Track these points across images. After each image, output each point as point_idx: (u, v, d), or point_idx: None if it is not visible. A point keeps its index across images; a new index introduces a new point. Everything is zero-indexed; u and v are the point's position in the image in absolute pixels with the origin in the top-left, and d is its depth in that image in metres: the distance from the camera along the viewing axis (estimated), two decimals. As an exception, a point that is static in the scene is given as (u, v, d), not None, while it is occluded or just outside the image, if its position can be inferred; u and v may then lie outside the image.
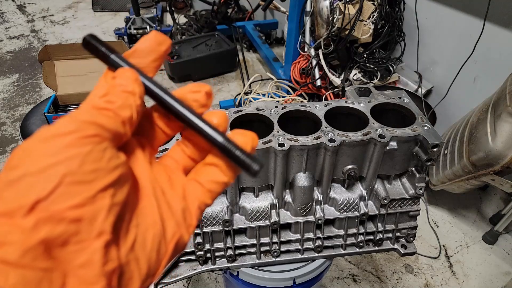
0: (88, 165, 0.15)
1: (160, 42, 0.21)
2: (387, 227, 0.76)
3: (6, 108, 2.18)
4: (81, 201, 0.15)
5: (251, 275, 0.76)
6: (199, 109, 0.21)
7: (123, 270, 0.16)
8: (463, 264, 1.35)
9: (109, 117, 0.17)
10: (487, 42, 1.36)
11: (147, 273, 0.17)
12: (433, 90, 1.69)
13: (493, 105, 1.17)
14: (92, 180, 0.15)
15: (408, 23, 1.72)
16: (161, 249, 0.18)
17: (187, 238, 0.20)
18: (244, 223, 0.70)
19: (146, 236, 0.18)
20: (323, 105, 0.71)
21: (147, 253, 0.18)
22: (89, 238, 0.15)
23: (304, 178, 0.67)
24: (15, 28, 3.13)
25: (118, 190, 0.16)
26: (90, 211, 0.15)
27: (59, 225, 0.14)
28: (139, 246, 0.17)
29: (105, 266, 0.15)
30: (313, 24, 1.73)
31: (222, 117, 0.21)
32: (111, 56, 0.20)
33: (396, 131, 0.65)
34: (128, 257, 0.17)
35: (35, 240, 0.14)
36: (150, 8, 3.29)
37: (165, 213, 0.19)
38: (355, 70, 1.73)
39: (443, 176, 1.34)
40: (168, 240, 0.19)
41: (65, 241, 0.14)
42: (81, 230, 0.15)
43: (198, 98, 0.21)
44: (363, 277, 1.29)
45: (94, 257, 0.15)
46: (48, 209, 0.14)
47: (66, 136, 0.15)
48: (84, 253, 0.15)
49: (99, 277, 0.15)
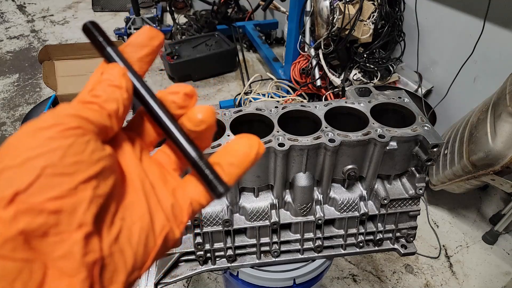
0: (69, 158, 0.15)
1: (152, 37, 0.21)
2: (387, 227, 0.76)
3: (6, 108, 2.18)
4: (61, 193, 0.15)
5: (251, 275, 0.76)
6: (176, 110, 0.21)
7: (106, 262, 0.16)
8: (463, 264, 1.35)
9: (94, 111, 0.18)
10: (487, 42, 1.36)
11: (133, 266, 0.17)
12: (433, 90, 1.69)
13: (493, 105, 1.17)
14: (74, 172, 0.15)
15: (408, 23, 1.72)
16: (149, 242, 0.18)
17: (177, 233, 0.20)
18: (244, 223, 0.70)
19: (133, 229, 0.18)
20: (323, 105, 0.71)
21: (134, 246, 0.17)
22: (69, 229, 0.15)
23: (304, 178, 0.67)
24: (15, 28, 3.13)
25: (102, 182, 0.16)
26: (71, 203, 0.15)
27: (38, 217, 0.14)
28: (125, 239, 0.17)
29: (85, 258, 0.15)
30: (313, 24, 1.73)
31: (208, 112, 0.21)
32: (107, 48, 0.20)
33: (396, 131, 0.65)
34: (111, 249, 0.16)
35: (14, 231, 0.14)
36: (150, 8, 3.29)
37: (153, 207, 0.19)
38: (355, 70, 1.73)
39: (443, 176, 1.34)
40: (157, 234, 0.19)
41: (44, 233, 0.14)
42: (61, 222, 0.15)
43: (176, 99, 0.21)
44: (363, 277, 1.29)
45: (74, 249, 0.15)
46: (27, 201, 0.14)
47: (48, 129, 0.16)
48: (64, 245, 0.15)
49: (79, 268, 0.15)
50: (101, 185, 0.16)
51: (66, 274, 0.15)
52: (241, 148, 0.21)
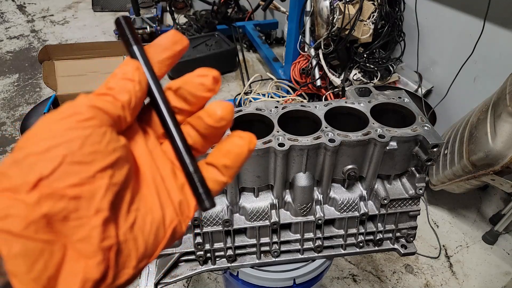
0: (87, 147, 0.16)
1: (175, 42, 0.22)
2: (387, 227, 0.76)
3: (6, 108, 2.18)
4: (80, 180, 0.16)
5: (251, 275, 0.76)
6: (205, 93, 0.21)
7: (121, 247, 0.17)
8: (463, 264, 1.35)
9: (108, 102, 0.18)
10: (487, 42, 1.36)
11: (143, 253, 0.18)
12: (433, 90, 1.69)
13: (493, 105, 1.17)
14: (91, 161, 0.16)
15: (408, 23, 1.72)
16: (159, 233, 0.19)
17: (184, 227, 0.21)
18: (244, 223, 0.70)
19: (146, 220, 0.19)
20: (323, 105, 0.70)
21: (146, 235, 0.19)
22: (88, 215, 0.16)
23: (304, 178, 0.67)
24: (15, 28, 3.13)
25: (117, 172, 0.17)
26: (89, 190, 0.16)
27: (60, 202, 0.15)
28: (138, 228, 0.18)
29: (103, 242, 0.16)
30: (313, 24, 1.73)
31: (227, 109, 0.21)
32: (133, 46, 0.21)
33: (396, 131, 0.65)
34: (126, 236, 0.18)
35: (38, 214, 0.15)
36: (150, 8, 3.29)
37: (164, 201, 0.20)
38: (355, 70, 1.73)
39: (443, 176, 1.34)
40: (167, 226, 0.20)
41: (65, 217, 0.16)
42: (80, 207, 0.16)
43: (205, 82, 0.21)
44: (363, 277, 1.29)
45: (93, 233, 0.16)
46: (50, 186, 0.15)
47: (67, 119, 0.17)
48: (84, 229, 0.16)
49: (97, 252, 0.16)
50: (116, 174, 0.17)
51: (84, 256, 0.16)
52: (233, 149, 0.21)
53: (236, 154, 0.21)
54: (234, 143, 0.21)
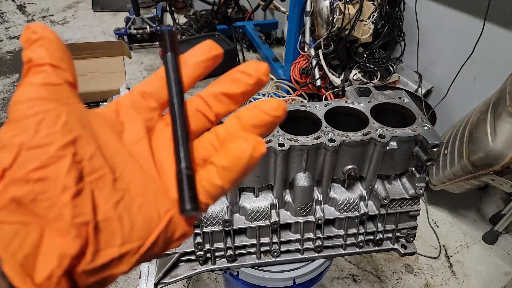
0: (42, 131, 0.17)
1: (211, 48, 0.23)
2: (387, 227, 0.76)
3: (6, 108, 2.18)
4: (41, 162, 0.17)
5: (251, 275, 0.76)
6: (262, 76, 0.22)
7: (102, 225, 0.18)
8: (463, 264, 1.35)
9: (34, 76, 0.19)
10: (487, 42, 1.36)
11: (129, 234, 0.18)
12: (433, 90, 1.69)
13: (493, 105, 1.17)
14: (48, 142, 0.17)
15: (408, 23, 1.72)
16: (151, 218, 0.19)
17: (185, 225, 0.21)
18: (244, 223, 0.70)
19: (134, 201, 0.19)
20: (323, 105, 0.70)
21: (132, 216, 0.19)
22: (56, 194, 0.17)
23: (304, 178, 0.67)
24: (15, 28, 3.13)
25: (80, 149, 0.18)
26: (53, 170, 0.17)
27: (25, 186, 0.16)
28: (124, 207, 0.18)
29: (75, 218, 0.17)
30: (313, 24, 1.73)
31: (279, 107, 0.21)
32: (167, 53, 0.23)
33: (396, 131, 0.65)
34: (107, 214, 0.18)
35: (6, 200, 0.16)
36: (150, 8, 3.29)
37: (162, 190, 0.20)
38: (355, 70, 1.73)
39: (443, 176, 1.34)
40: (162, 214, 0.20)
41: (34, 199, 0.16)
42: (48, 188, 0.17)
43: (261, 67, 0.22)
44: (363, 277, 1.29)
45: (64, 211, 0.17)
46: (14, 175, 0.16)
47: (19, 110, 0.18)
48: (55, 208, 0.17)
49: (70, 228, 0.16)
50: (80, 151, 0.18)
51: (60, 233, 0.16)
52: (234, 151, 0.20)
53: (236, 158, 0.20)
54: (237, 145, 0.20)
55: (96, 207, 0.18)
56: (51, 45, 0.20)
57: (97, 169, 0.18)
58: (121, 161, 0.19)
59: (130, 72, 2.38)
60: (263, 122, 0.21)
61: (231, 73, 0.22)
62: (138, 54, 2.72)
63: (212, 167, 0.20)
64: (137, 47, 2.81)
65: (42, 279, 0.16)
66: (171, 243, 0.20)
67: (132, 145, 0.21)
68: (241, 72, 0.22)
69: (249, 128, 0.21)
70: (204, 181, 0.20)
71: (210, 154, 0.21)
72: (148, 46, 2.83)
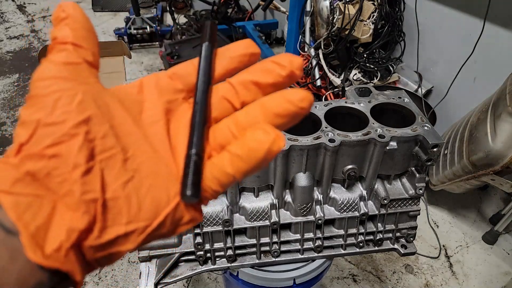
0: (59, 109, 0.18)
1: (248, 46, 0.23)
2: (387, 227, 0.76)
3: (6, 108, 2.18)
4: (55, 139, 0.17)
5: (251, 275, 0.76)
6: (294, 69, 0.21)
7: (110, 204, 0.18)
8: (463, 264, 1.35)
9: (59, 54, 0.20)
10: (487, 42, 1.36)
11: (136, 213, 0.19)
12: (433, 90, 1.69)
13: (493, 105, 1.17)
14: (63, 120, 0.18)
15: (408, 23, 1.72)
16: (159, 199, 0.19)
17: (193, 212, 0.21)
18: (244, 223, 0.70)
19: (143, 182, 0.19)
20: (323, 105, 0.70)
21: (141, 196, 0.19)
22: (67, 170, 0.17)
23: (304, 178, 0.67)
24: (15, 28, 3.13)
25: (93, 128, 0.18)
26: (66, 147, 0.17)
27: (40, 161, 0.17)
28: (133, 187, 0.19)
29: (84, 195, 0.17)
30: (313, 24, 1.73)
31: (306, 98, 0.20)
32: (204, 43, 0.23)
33: (396, 131, 0.65)
34: (116, 193, 0.18)
35: (21, 173, 0.17)
36: (150, 8, 3.29)
37: (173, 174, 0.20)
38: (355, 70, 1.72)
39: (443, 176, 1.34)
40: (171, 197, 0.20)
41: (48, 174, 0.17)
42: (60, 164, 0.17)
43: (294, 60, 0.21)
44: (363, 277, 1.29)
45: (73, 187, 0.17)
46: (29, 150, 0.17)
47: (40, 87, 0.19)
48: (66, 184, 0.17)
49: (79, 204, 0.17)
50: (93, 130, 0.18)
51: (70, 208, 0.17)
52: (251, 142, 0.19)
53: (252, 149, 0.19)
54: (255, 136, 0.19)
55: (105, 185, 0.18)
56: (77, 24, 0.20)
57: (109, 148, 0.19)
58: (134, 141, 0.20)
59: (130, 72, 2.38)
60: (288, 112, 0.20)
61: (263, 62, 0.22)
62: (138, 54, 2.72)
63: (226, 154, 0.20)
64: (137, 47, 2.81)
65: (51, 250, 0.16)
66: (179, 226, 0.20)
67: (149, 126, 0.21)
68: (274, 63, 0.21)
69: (272, 117, 0.20)
70: (215, 168, 0.20)
71: (228, 140, 0.21)
72: (148, 46, 2.83)
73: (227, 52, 0.23)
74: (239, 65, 0.23)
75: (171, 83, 0.22)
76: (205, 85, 0.22)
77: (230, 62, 0.23)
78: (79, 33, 0.20)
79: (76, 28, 0.20)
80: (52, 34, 0.20)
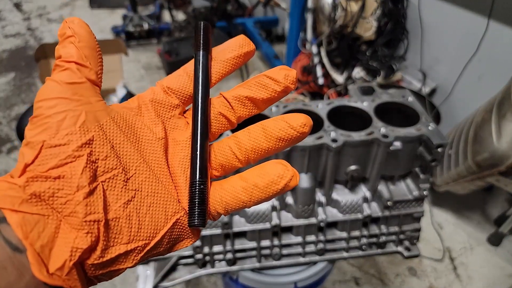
0: (63, 131, 0.18)
1: (242, 45, 0.23)
2: (390, 229, 0.74)
3: (2, 107, 2.16)
4: (59, 161, 0.18)
5: (251, 279, 0.74)
6: (288, 84, 0.22)
7: (112, 223, 0.19)
8: (467, 266, 1.33)
9: (65, 73, 0.20)
10: (492, 40, 1.34)
11: (136, 233, 0.19)
12: (437, 88, 1.67)
13: (498, 105, 1.15)
14: (67, 142, 0.18)
15: (412, 21, 1.70)
16: (158, 218, 0.20)
17: (191, 236, 0.22)
18: (244, 226, 0.68)
19: (144, 201, 0.20)
20: (325, 104, 0.68)
21: (141, 216, 0.20)
22: (71, 192, 0.18)
23: (305, 179, 0.65)
24: (11, 27, 3.10)
25: (96, 149, 0.19)
26: (69, 169, 0.18)
27: (45, 182, 0.18)
28: (133, 207, 0.19)
29: (87, 217, 0.18)
30: (314, 21, 1.71)
31: (307, 124, 0.21)
32: (199, 51, 0.23)
33: (400, 130, 0.63)
34: (118, 213, 0.19)
35: (28, 193, 0.17)
36: (148, 5, 3.26)
37: (172, 194, 0.21)
38: (357, 68, 1.70)
39: (447, 177, 1.32)
40: (169, 216, 0.20)
41: (53, 195, 0.18)
42: (65, 186, 0.18)
43: (289, 74, 0.22)
44: (365, 280, 1.27)
45: (77, 208, 0.18)
46: (34, 171, 0.18)
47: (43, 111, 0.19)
48: (70, 204, 0.18)
49: (82, 224, 0.18)
50: (95, 151, 0.19)
51: (73, 228, 0.18)
52: (272, 174, 0.20)
53: (272, 181, 0.20)
54: (277, 170, 0.20)
55: (107, 205, 0.19)
56: (82, 43, 0.21)
57: (111, 169, 0.19)
58: (134, 161, 0.20)
59: (127, 70, 2.36)
60: (289, 137, 0.21)
61: (259, 78, 0.22)
62: (135, 52, 2.69)
63: (240, 182, 0.21)
64: (135, 44, 2.79)
65: (55, 269, 0.17)
66: (176, 244, 0.21)
67: (147, 146, 0.21)
68: (269, 79, 0.22)
69: (274, 141, 0.21)
70: (225, 193, 0.21)
71: (229, 161, 0.22)
72: (146, 44, 2.81)
73: (222, 55, 0.23)
74: (233, 68, 0.24)
75: (167, 99, 0.23)
76: (204, 105, 0.22)
77: (224, 66, 0.23)
78: (83, 52, 0.21)
79: (81, 47, 0.21)
80: (56, 52, 0.21)
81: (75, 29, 0.21)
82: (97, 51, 0.21)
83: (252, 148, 0.21)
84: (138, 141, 0.21)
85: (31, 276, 0.16)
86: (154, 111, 0.22)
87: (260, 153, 0.22)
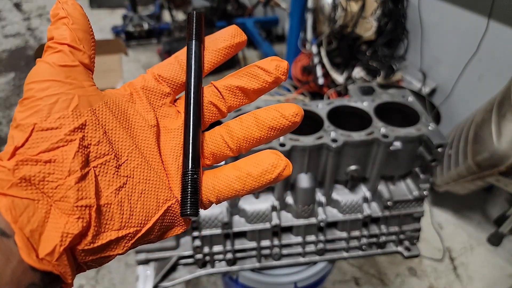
0: (55, 114, 0.18)
1: (234, 35, 0.23)
2: (390, 229, 0.74)
3: (1, 107, 2.15)
4: (51, 145, 0.17)
5: (251, 279, 0.74)
6: (279, 74, 0.22)
7: (104, 209, 0.18)
8: (467, 267, 1.32)
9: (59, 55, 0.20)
10: (492, 40, 1.34)
11: (128, 219, 0.19)
12: (437, 88, 1.67)
13: (498, 105, 1.15)
14: (59, 126, 0.18)
15: (412, 21, 1.70)
16: (149, 205, 0.20)
17: (183, 224, 0.22)
18: (244, 226, 0.68)
19: (136, 188, 0.20)
20: (325, 104, 0.68)
21: (132, 202, 0.19)
22: (62, 176, 0.17)
23: (306, 179, 0.65)
24: (11, 27, 3.09)
25: (88, 134, 0.19)
26: (61, 153, 0.18)
27: (36, 166, 0.17)
28: (125, 194, 0.19)
29: (79, 202, 0.17)
30: (314, 21, 1.71)
31: (299, 114, 0.21)
32: (192, 41, 0.23)
33: (400, 130, 0.63)
34: (109, 199, 0.19)
35: (17, 177, 0.17)
36: (148, 5, 3.26)
37: (164, 182, 0.21)
38: (357, 68, 1.70)
39: (447, 177, 1.32)
40: (160, 203, 0.20)
41: (43, 179, 0.17)
42: (56, 170, 0.17)
43: (281, 65, 0.22)
44: (365, 280, 1.26)
45: (68, 193, 0.17)
46: (24, 154, 0.17)
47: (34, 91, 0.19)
48: (61, 189, 0.17)
49: (73, 209, 0.17)
50: (88, 136, 0.18)
51: (64, 213, 0.17)
52: (266, 163, 0.20)
53: (266, 170, 0.20)
54: (270, 159, 0.20)
55: (99, 191, 0.18)
56: (75, 25, 0.20)
57: (103, 154, 0.19)
58: (126, 147, 0.20)
59: (127, 70, 2.36)
60: (281, 126, 0.21)
61: (250, 68, 0.22)
62: (135, 52, 2.69)
63: (233, 171, 0.21)
64: (135, 44, 2.79)
65: (45, 254, 0.16)
66: (167, 232, 0.21)
67: (139, 132, 0.21)
68: (260, 69, 0.22)
69: (266, 130, 0.21)
70: (218, 181, 0.21)
71: (220, 149, 0.22)
72: (146, 44, 2.80)
73: (214, 44, 0.23)
74: (225, 58, 0.24)
75: (158, 87, 0.23)
76: (196, 95, 0.22)
77: (216, 56, 0.23)
78: (77, 34, 0.20)
79: (74, 29, 0.20)
80: (49, 32, 0.20)
81: (69, 10, 0.20)
82: (90, 35, 0.21)
83: (244, 137, 0.21)
84: (130, 128, 0.21)
85: (18, 261, 0.16)
86: (145, 98, 0.22)
87: (252, 142, 0.21)
